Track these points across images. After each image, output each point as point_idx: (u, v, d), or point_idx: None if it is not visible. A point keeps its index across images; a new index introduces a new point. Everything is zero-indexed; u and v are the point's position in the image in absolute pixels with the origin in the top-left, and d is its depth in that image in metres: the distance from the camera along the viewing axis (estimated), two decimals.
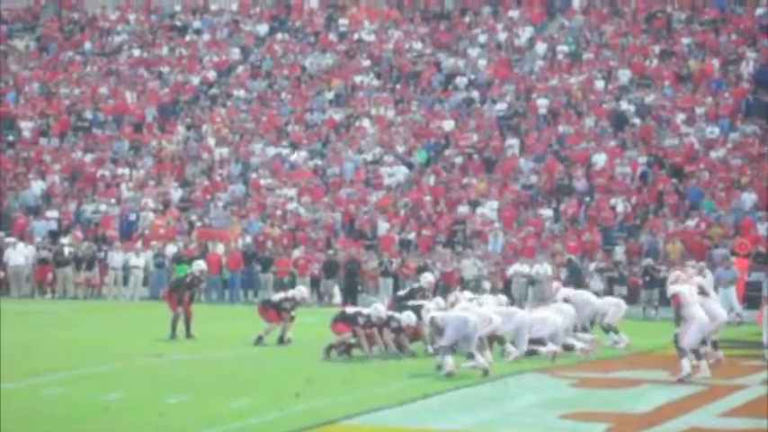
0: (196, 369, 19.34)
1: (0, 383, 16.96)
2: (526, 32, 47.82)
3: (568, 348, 21.47)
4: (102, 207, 40.23)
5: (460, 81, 45.45)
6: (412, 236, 36.83)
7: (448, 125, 42.94)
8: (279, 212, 38.79)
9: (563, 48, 46.17)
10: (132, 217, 39.67)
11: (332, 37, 50.18)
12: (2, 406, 15.04)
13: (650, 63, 44.16)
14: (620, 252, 34.90)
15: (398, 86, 46.18)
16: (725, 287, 30.71)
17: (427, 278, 24.35)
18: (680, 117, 40.76)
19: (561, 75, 44.50)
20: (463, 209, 38.14)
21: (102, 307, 33.63)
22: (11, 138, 45.36)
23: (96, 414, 14.83)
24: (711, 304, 19.85)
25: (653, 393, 17.11)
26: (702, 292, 19.82)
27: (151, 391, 16.68)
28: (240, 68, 48.96)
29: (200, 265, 25.34)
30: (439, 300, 21.67)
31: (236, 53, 50.05)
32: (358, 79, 46.91)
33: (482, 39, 48.04)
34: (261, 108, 46.08)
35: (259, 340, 22.98)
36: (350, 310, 22.10)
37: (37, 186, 41.65)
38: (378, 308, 21.26)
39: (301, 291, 24.15)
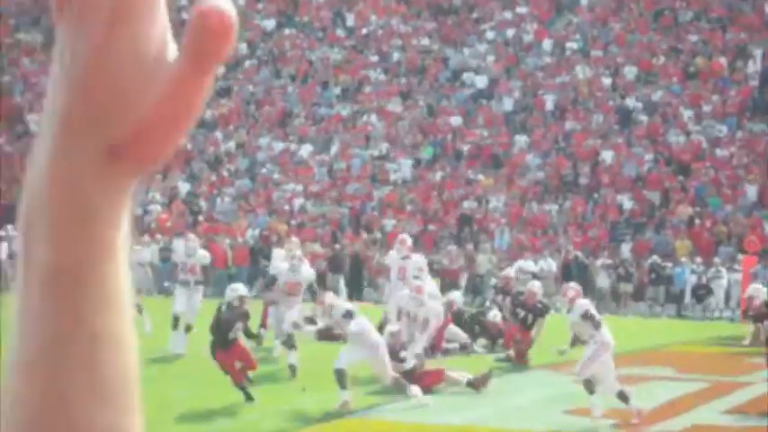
0: (200, 363, 19.33)
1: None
2: (533, 29, 47.81)
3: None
4: None
5: (467, 77, 45.45)
6: (417, 231, 36.82)
7: (455, 121, 42.96)
8: (285, 207, 38.85)
9: (570, 44, 46.14)
10: (138, 210, 39.74)
11: (339, 32, 50.17)
12: None
13: (657, 60, 44.11)
14: (626, 249, 34.91)
15: (405, 82, 46.18)
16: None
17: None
18: (687, 114, 40.72)
19: (569, 71, 44.49)
20: (469, 204, 38.17)
21: None
22: (18, 131, 45.44)
23: None
24: None
25: (658, 390, 17.12)
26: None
27: (157, 384, 16.69)
28: (247, 63, 48.99)
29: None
30: None
31: (243, 47, 50.06)
32: (365, 74, 46.92)
33: (489, 35, 48.03)
34: (268, 103, 46.10)
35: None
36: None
37: None
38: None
39: None
